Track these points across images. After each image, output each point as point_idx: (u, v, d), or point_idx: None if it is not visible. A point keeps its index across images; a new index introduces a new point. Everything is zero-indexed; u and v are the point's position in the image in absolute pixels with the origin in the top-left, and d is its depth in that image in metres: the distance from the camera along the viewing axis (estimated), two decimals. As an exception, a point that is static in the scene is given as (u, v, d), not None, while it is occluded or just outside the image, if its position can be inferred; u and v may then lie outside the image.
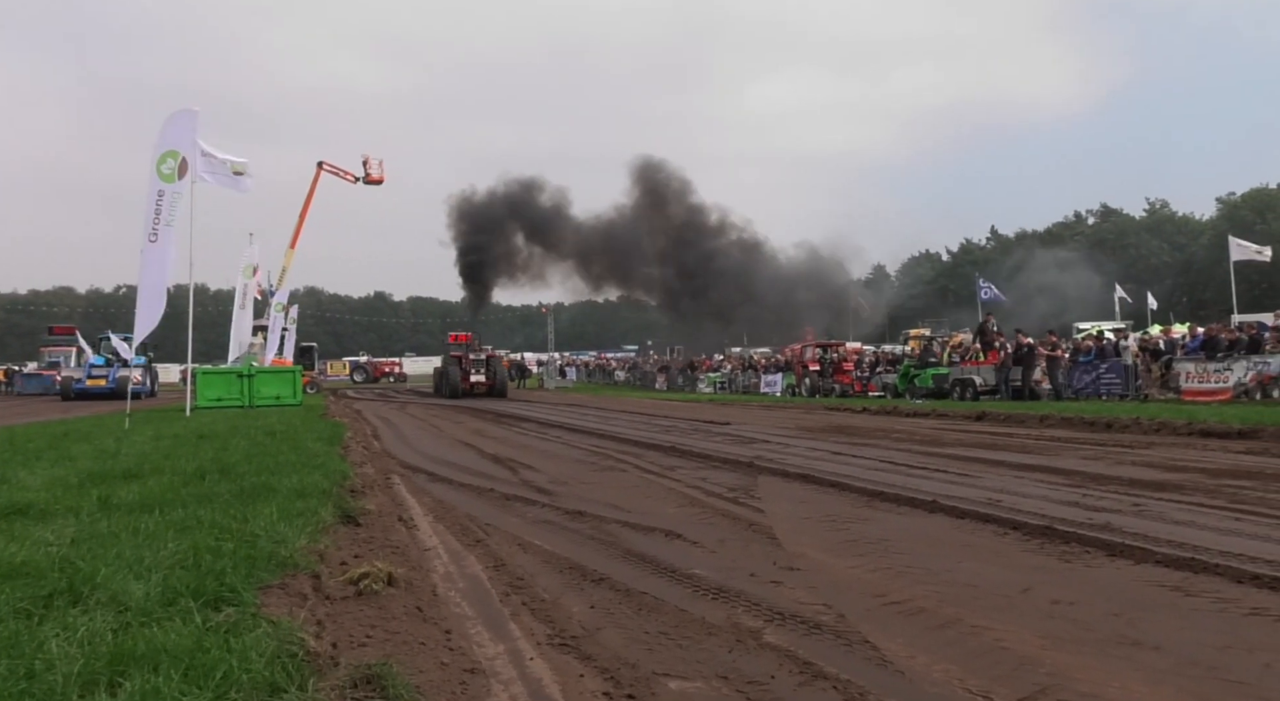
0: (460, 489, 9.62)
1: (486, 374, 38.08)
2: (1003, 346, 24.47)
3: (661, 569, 5.66)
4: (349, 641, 3.94)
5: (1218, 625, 4.23)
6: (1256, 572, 5.01)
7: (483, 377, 37.77)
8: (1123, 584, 5.05)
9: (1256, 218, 62.67)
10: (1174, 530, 6.32)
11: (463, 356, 38.84)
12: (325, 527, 6.04)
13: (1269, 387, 17.83)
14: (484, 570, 5.78)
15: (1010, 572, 5.37)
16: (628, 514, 7.70)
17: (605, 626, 4.49)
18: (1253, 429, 12.71)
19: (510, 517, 7.76)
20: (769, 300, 51.55)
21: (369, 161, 38.15)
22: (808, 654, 3.95)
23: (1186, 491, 8.08)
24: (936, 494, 8.15)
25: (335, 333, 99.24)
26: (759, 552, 6.11)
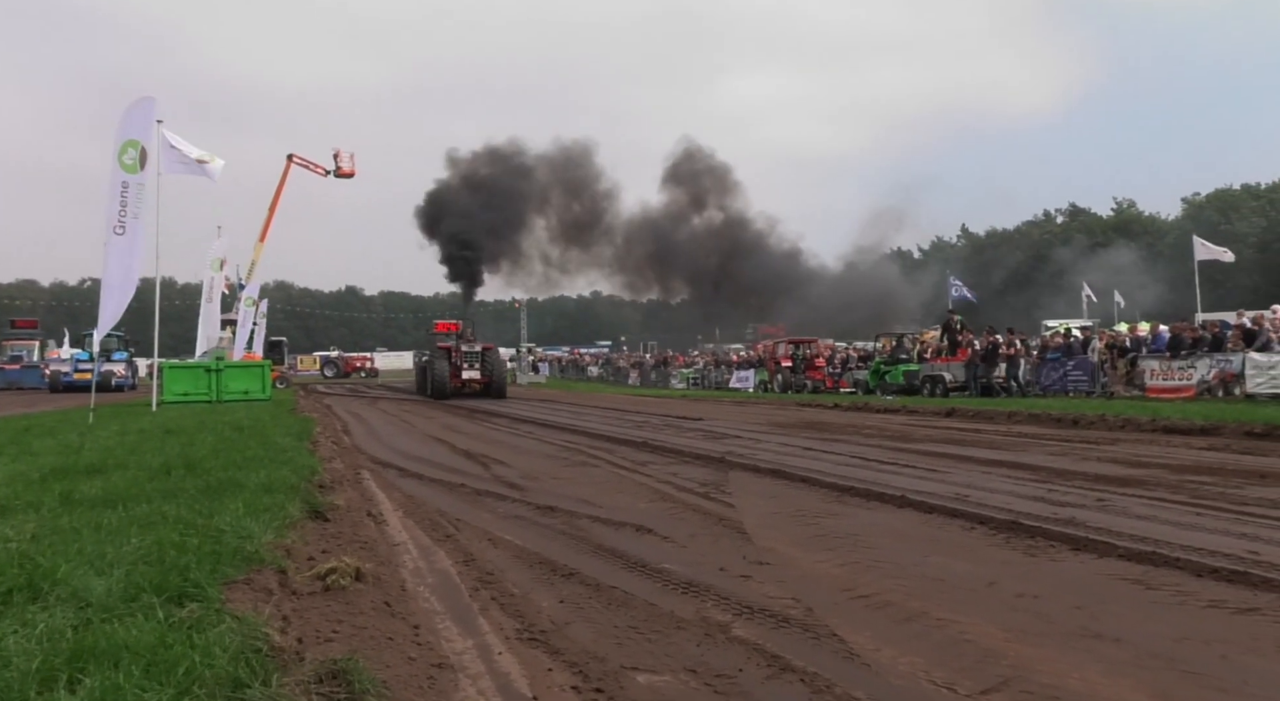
0: (431, 484, 9.58)
1: (482, 369, 32.06)
2: (970, 344, 24.72)
3: (632, 563, 5.66)
4: (315, 636, 3.90)
5: (1177, 617, 4.31)
6: (1215, 566, 5.10)
7: (477, 373, 31.83)
8: (1086, 577, 5.12)
9: (1220, 218, 63.75)
10: (1136, 525, 6.42)
11: (452, 349, 32.68)
12: (292, 523, 5.98)
13: (1231, 385, 18.15)
14: (453, 565, 5.75)
15: (977, 566, 5.43)
16: (599, 509, 7.70)
17: (575, 621, 4.49)
18: (1214, 426, 12.94)
19: (481, 513, 7.73)
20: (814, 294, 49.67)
21: (340, 155, 37.72)
22: (776, 647, 3.97)
23: (1149, 487, 8.21)
24: (905, 489, 8.22)
25: (306, 327, 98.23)
26: (729, 547, 6.14)
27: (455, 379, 31.56)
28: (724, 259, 52.16)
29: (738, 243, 53.29)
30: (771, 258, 54.04)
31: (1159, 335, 21.18)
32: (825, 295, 49.39)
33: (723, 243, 52.82)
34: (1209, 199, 70.05)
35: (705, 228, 54.20)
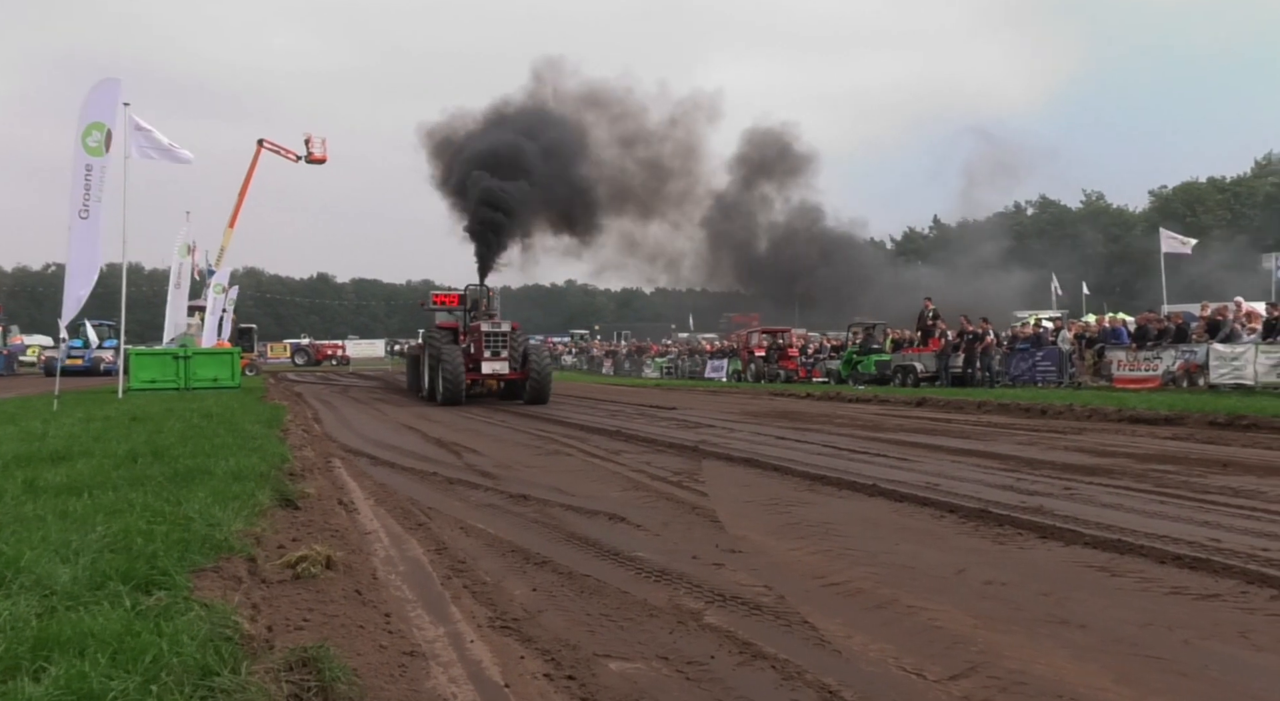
0: (403, 472, 9.53)
1: (512, 359, 21.62)
2: (943, 333, 24.91)
3: (604, 552, 5.67)
4: (285, 624, 3.88)
5: (1141, 603, 4.38)
6: (1178, 553, 5.20)
7: (504, 365, 21.42)
8: (1053, 564, 5.19)
9: (1187, 210, 64.72)
10: (1102, 513, 6.52)
11: (463, 329, 23.21)
12: (262, 511, 5.92)
13: (1195, 376, 18.44)
14: (425, 553, 5.73)
15: (946, 554, 5.49)
16: (572, 497, 7.70)
17: (547, 609, 4.49)
18: (1179, 415, 13.15)
19: (453, 501, 7.71)
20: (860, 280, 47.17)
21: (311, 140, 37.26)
22: (747, 634, 4.00)
23: (1115, 475, 8.34)
24: (877, 478, 8.29)
25: (276, 314, 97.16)
26: (702, 536, 6.16)
27: (472, 373, 21.27)
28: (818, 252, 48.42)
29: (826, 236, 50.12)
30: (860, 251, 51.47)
31: (1118, 328, 21.49)
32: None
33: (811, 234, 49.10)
34: (1175, 192, 71.04)
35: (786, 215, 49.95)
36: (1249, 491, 7.31)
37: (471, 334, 22.36)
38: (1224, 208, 65.84)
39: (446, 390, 20.60)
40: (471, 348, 21.86)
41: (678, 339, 55.10)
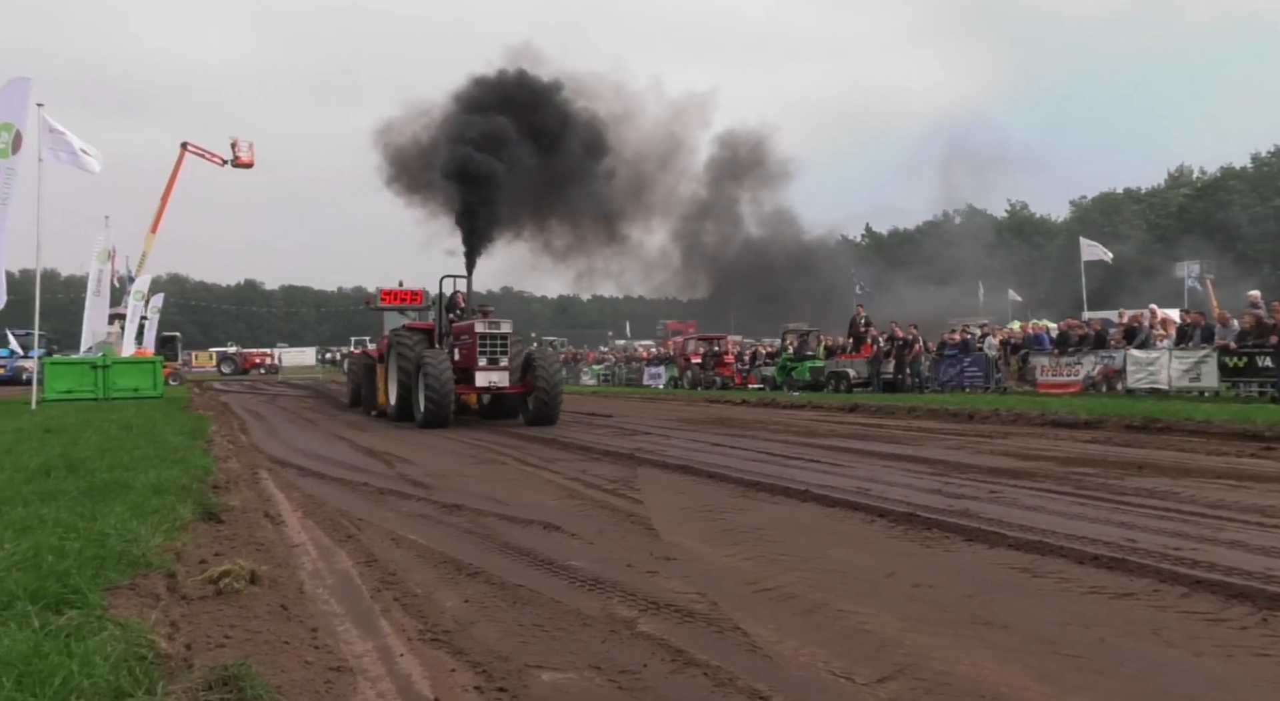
0: (332, 483, 9.33)
1: (512, 370, 17.08)
2: (875, 340, 25.39)
3: (538, 561, 5.63)
4: (206, 642, 3.76)
5: (1060, 603, 4.51)
6: (1096, 554, 5.36)
7: (504, 375, 16.88)
8: (978, 567, 5.31)
9: (1105, 220, 67.07)
10: (1025, 515, 6.70)
11: (441, 331, 18.56)
12: (183, 525, 5.75)
13: (1113, 381, 19.10)
14: (354, 566, 5.62)
15: (876, 558, 5.57)
16: (506, 506, 7.63)
17: (479, 620, 4.43)
18: (1098, 419, 13.60)
19: (384, 512, 7.57)
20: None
21: (238, 144, 36.38)
22: (680, 642, 4.00)
23: (1038, 478, 8.58)
24: (810, 483, 8.39)
25: (201, 322, 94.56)
26: (636, 543, 6.16)
27: (461, 385, 16.75)
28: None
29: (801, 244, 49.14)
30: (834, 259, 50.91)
31: (1040, 334, 22.17)
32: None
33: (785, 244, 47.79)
34: (1094, 202, 73.59)
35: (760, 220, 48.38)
36: (1163, 492, 7.58)
37: (458, 336, 17.58)
38: (1140, 218, 68.41)
39: (431, 408, 15.64)
40: (457, 354, 17.12)
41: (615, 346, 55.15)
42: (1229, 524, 6.19)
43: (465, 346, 17.12)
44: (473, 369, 16.67)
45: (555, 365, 17.61)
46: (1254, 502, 6.98)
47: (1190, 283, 34.39)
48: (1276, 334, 16.15)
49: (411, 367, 16.83)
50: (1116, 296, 39.27)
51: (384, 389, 18.84)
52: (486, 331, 16.76)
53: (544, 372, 16.55)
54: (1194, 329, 18.54)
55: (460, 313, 18.68)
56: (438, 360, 16.10)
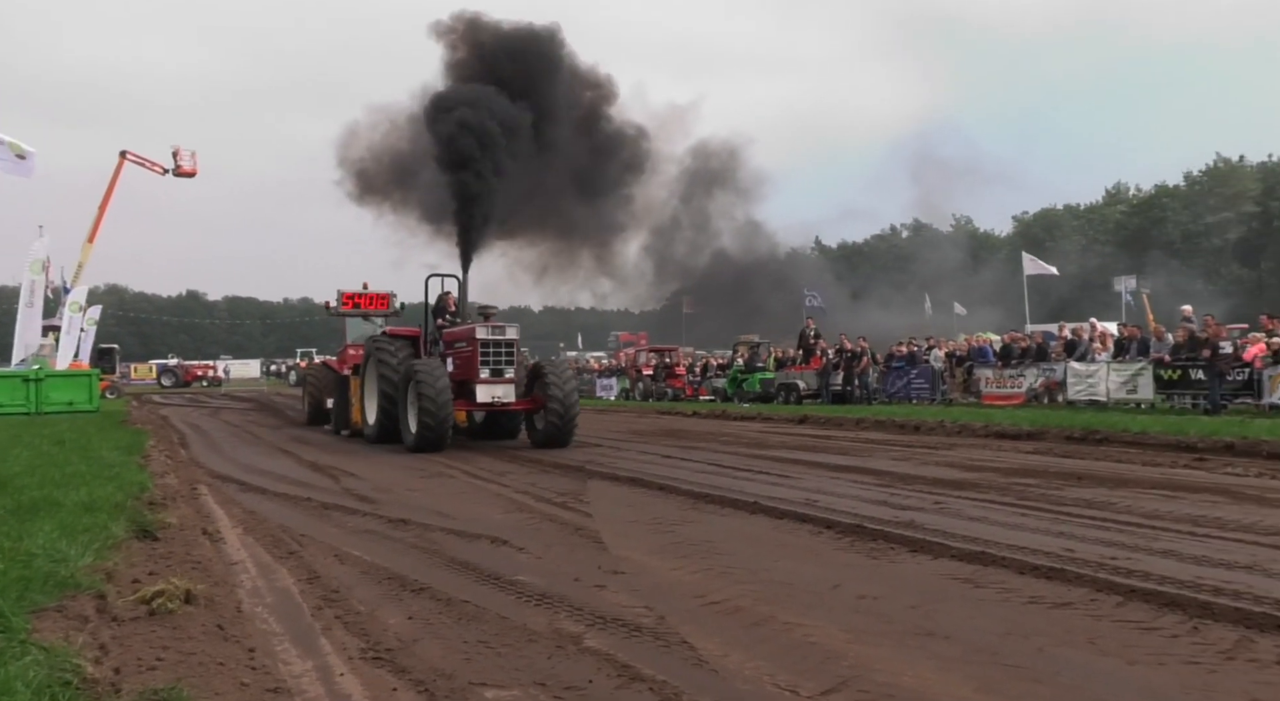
0: (275, 498, 9.14)
1: (526, 380, 14.97)
2: (824, 352, 25.65)
3: (485, 576, 5.57)
4: (136, 665, 3.64)
5: (1001, 613, 4.57)
6: (1036, 564, 5.46)
7: (509, 389, 14.55)
8: (922, 578, 5.37)
9: (1046, 235, 68.76)
10: (969, 526, 6.80)
11: (456, 335, 15.42)
12: (116, 544, 5.57)
13: (1055, 393, 19.53)
14: (296, 583, 5.50)
15: (822, 570, 5.61)
16: (453, 521, 7.54)
17: (423, 637, 4.36)
18: (1040, 430, 13.88)
19: (328, 527, 7.44)
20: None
21: (180, 152, 35.44)
22: (627, 657, 3.98)
23: (982, 489, 8.72)
24: (758, 495, 8.42)
25: (141, 334, 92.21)
26: (585, 557, 6.12)
27: (462, 402, 14.47)
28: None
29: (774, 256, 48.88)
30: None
31: (984, 347, 22.61)
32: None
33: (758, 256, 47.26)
34: (1036, 218, 75.41)
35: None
36: (1101, 502, 7.75)
37: (451, 344, 15.06)
38: (1079, 233, 70.25)
39: (426, 429, 13.33)
40: (450, 364, 14.58)
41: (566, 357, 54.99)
42: (1163, 533, 6.35)
43: (462, 356, 14.61)
44: (472, 382, 14.17)
45: (569, 377, 14.67)
46: (1187, 513, 7.17)
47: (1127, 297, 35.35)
48: (1208, 348, 16.65)
49: (398, 380, 14.45)
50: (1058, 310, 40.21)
51: (359, 405, 16.41)
52: (490, 338, 14.17)
53: (557, 386, 14.02)
54: (1131, 342, 19.04)
55: (451, 317, 16.11)
56: (433, 372, 13.64)
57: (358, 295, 20.23)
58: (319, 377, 21.33)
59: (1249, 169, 65.89)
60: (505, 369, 14.26)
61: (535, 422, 14.59)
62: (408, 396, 13.92)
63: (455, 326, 15.58)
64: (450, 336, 15.31)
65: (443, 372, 13.83)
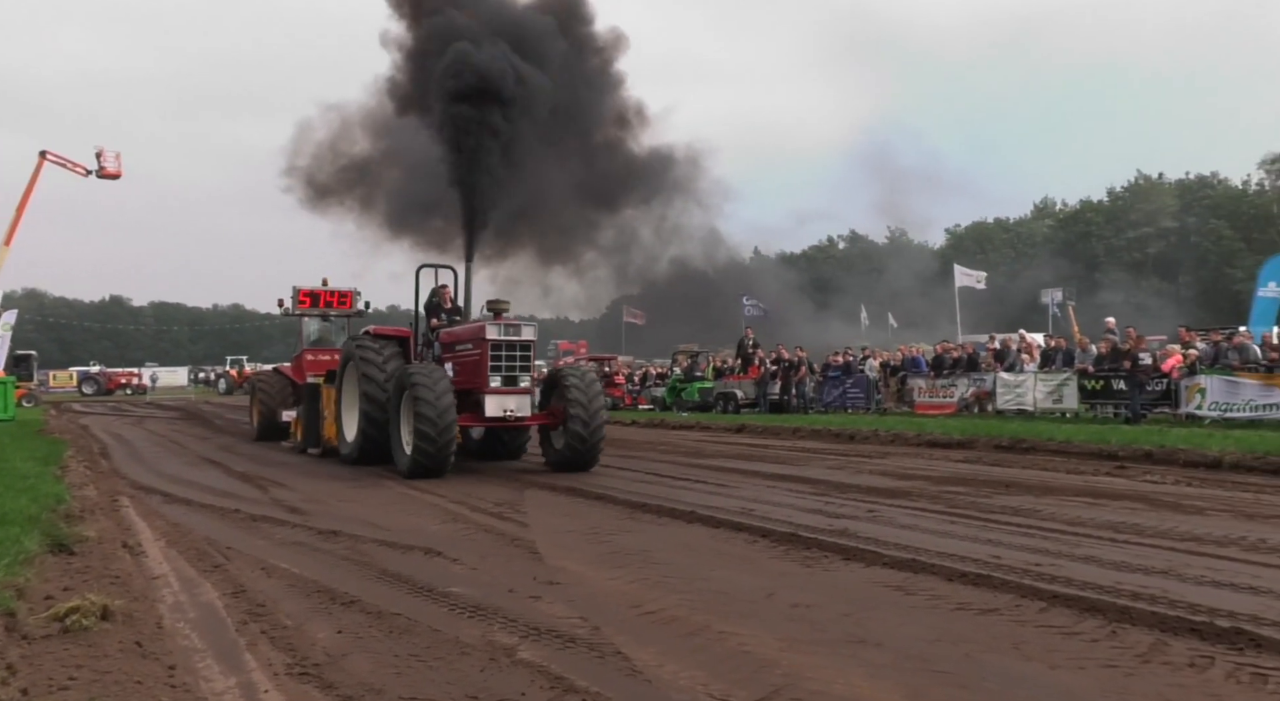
0: (201, 510, 8.88)
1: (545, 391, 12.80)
2: (762, 362, 25.89)
3: (418, 588, 5.49)
4: (47, 685, 3.50)
5: (930, 620, 4.65)
6: (964, 570, 5.57)
7: (524, 401, 12.07)
8: (854, 585, 5.44)
9: (977, 248, 70.51)
10: (900, 534, 6.92)
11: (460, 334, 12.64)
12: (28, 558, 5.35)
13: (985, 402, 19.99)
14: (220, 598, 5.35)
15: (757, 578, 5.64)
16: (386, 532, 7.42)
17: (352, 651, 4.28)
18: (969, 439, 14.20)
19: (256, 540, 7.25)
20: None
21: (104, 153, 34.27)
22: (560, 668, 3.95)
23: (913, 497, 8.87)
24: (695, 504, 8.46)
25: (62, 340, 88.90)
26: (520, 568, 6.07)
27: (469, 416, 12.08)
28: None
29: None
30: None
31: (917, 357, 23.07)
32: None
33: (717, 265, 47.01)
34: (967, 231, 77.29)
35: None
36: (1027, 510, 7.95)
37: (451, 347, 12.54)
38: (1008, 246, 72.16)
39: (425, 449, 10.91)
40: (451, 370, 12.09)
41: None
42: (1085, 540, 6.53)
43: (466, 360, 12.05)
44: (478, 392, 11.65)
45: (596, 388, 12.12)
46: (1108, 519, 7.40)
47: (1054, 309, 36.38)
48: (1129, 359, 17.22)
49: (387, 390, 12.11)
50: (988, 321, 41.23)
51: (333, 419, 13.95)
52: (502, 339, 11.66)
53: (581, 397, 11.73)
54: (1057, 353, 19.61)
55: (448, 315, 13.38)
56: (433, 379, 11.15)
57: (318, 292, 17.97)
58: (272, 386, 18.51)
59: (1168, 186, 68.47)
60: (521, 376, 11.79)
61: (553, 440, 12.28)
62: (400, 409, 11.49)
63: (454, 325, 13.06)
64: (450, 337, 12.71)
65: (446, 380, 11.29)
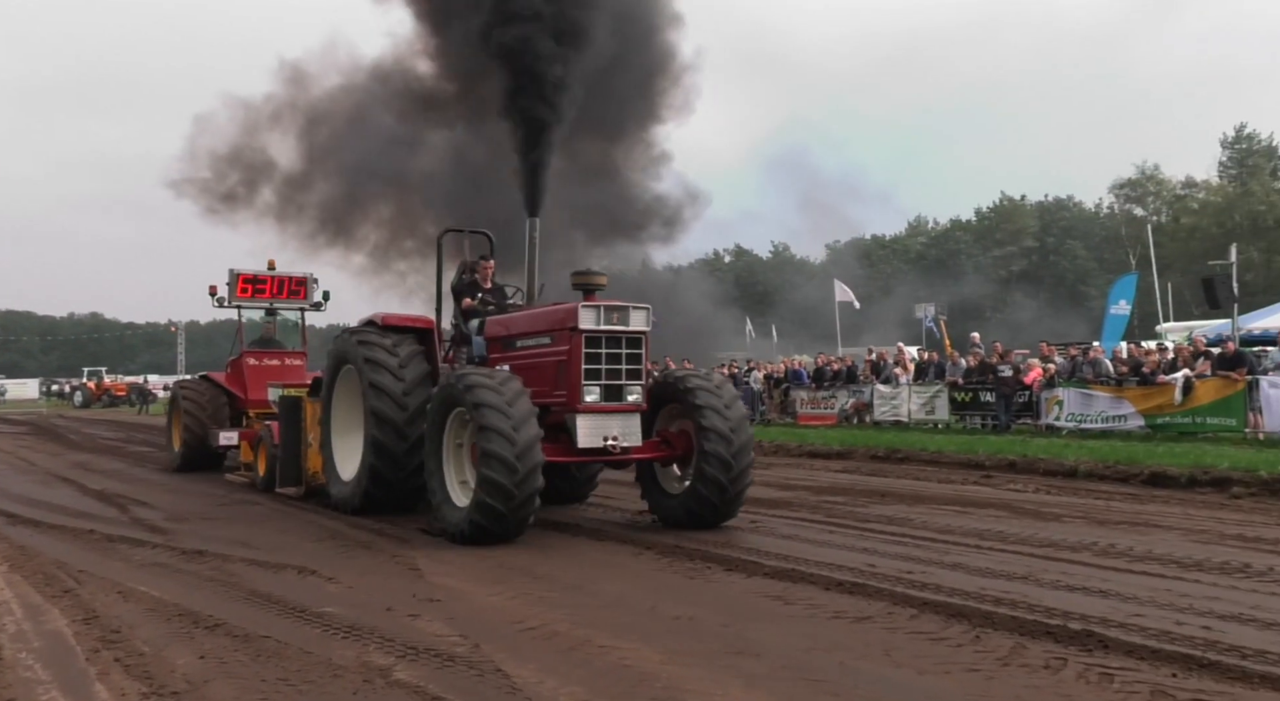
0: (50, 531, 8.30)
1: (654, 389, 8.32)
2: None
3: (289, 609, 5.28)
4: None
5: (808, 629, 4.76)
6: (841, 579, 5.73)
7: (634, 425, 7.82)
8: (735, 596, 5.52)
9: (858, 264, 73.08)
10: (781, 544, 7.07)
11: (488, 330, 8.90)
12: None
13: (863, 413, 20.66)
14: (70, 624, 5.02)
15: (641, 591, 5.66)
16: (257, 551, 7.11)
17: (215, 677, 4.08)
18: (848, 450, 14.65)
19: (112, 562, 6.83)
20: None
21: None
22: (438, 688, 3.86)
23: (794, 507, 9.08)
24: (583, 517, 8.46)
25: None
26: (399, 586, 5.92)
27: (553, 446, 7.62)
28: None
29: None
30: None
31: (799, 369, 23.70)
32: None
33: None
34: (847, 246, 80.00)
35: None
36: (901, 519, 8.24)
37: (516, 342, 8.58)
38: (885, 262, 75.01)
39: (497, 502, 6.93)
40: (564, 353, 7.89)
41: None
42: (954, 547, 6.81)
43: (538, 363, 8.06)
44: (566, 410, 7.71)
45: (738, 404, 8.22)
46: (974, 527, 7.74)
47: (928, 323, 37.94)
48: (992, 371, 18.10)
49: (407, 407, 8.54)
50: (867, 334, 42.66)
51: (318, 448, 9.96)
52: (602, 329, 7.75)
53: (719, 420, 7.78)
54: (929, 365, 20.44)
55: (488, 298, 9.42)
56: (507, 393, 7.15)
57: (261, 277, 14.26)
58: (202, 398, 14.11)
59: (1029, 207, 72.52)
60: (629, 387, 7.90)
61: (661, 480, 8.33)
62: (444, 437, 7.63)
63: (508, 309, 9.32)
64: (505, 328, 8.74)
65: (525, 395, 7.26)
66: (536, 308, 9.05)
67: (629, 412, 7.85)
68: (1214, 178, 61.14)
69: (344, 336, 9.57)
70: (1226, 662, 4.02)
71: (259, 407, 13.37)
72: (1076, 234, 68.05)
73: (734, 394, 8.32)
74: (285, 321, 15.60)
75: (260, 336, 15.02)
